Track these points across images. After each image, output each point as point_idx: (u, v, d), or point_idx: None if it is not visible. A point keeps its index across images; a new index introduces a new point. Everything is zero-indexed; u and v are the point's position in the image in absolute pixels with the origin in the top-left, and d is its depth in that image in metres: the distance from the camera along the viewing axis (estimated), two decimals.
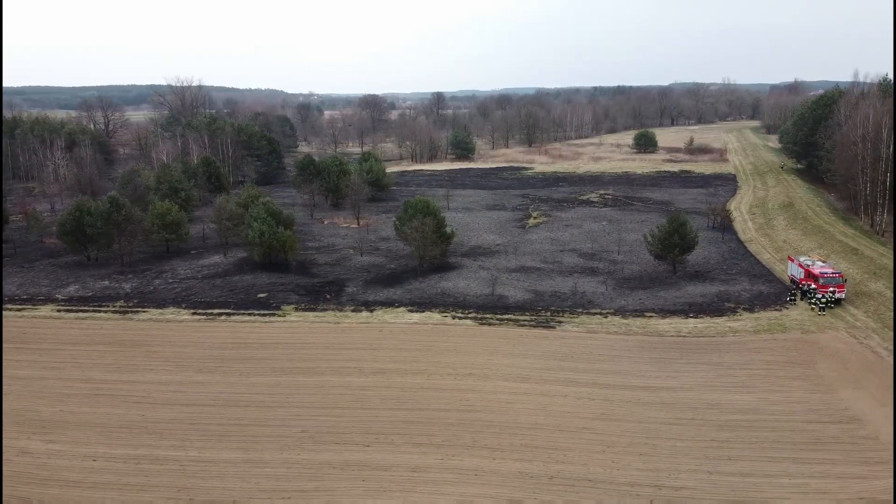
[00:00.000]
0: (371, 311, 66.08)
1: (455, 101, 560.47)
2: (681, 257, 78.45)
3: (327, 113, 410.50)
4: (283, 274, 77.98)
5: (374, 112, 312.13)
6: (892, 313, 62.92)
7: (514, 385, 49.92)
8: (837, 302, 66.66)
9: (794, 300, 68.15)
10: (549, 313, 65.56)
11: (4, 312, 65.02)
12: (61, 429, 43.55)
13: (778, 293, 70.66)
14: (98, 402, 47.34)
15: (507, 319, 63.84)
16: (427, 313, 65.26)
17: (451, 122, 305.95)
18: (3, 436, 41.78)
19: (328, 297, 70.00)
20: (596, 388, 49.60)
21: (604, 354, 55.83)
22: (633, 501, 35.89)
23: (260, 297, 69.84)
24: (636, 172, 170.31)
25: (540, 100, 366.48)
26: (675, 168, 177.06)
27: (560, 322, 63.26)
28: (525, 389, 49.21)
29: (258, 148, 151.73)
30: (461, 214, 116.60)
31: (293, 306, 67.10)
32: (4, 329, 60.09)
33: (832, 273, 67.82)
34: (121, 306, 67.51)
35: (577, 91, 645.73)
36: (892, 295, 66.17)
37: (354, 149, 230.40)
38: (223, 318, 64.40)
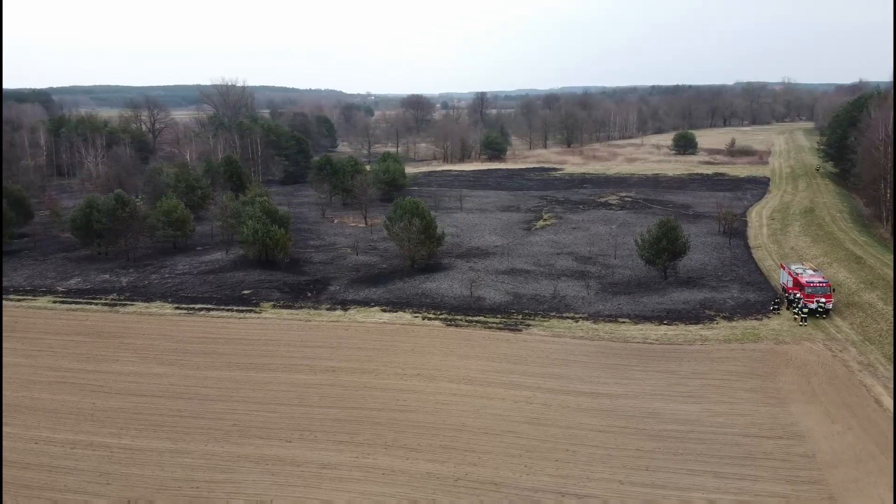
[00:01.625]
0: (345, 309, 67.36)
1: (509, 100, 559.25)
2: (670, 263, 76.85)
3: (379, 113, 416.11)
4: (274, 271, 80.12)
5: (417, 112, 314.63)
6: (878, 325, 60.46)
7: (456, 387, 50.26)
8: (826, 312, 64.37)
9: (779, 309, 66.11)
10: (521, 316, 65.45)
11: (4, 302, 69.16)
12: (17, 413, 46.30)
13: (765, 302, 68.58)
14: (58, 389, 50.05)
15: (476, 321, 64.08)
16: (399, 313, 66.10)
17: (496, 122, 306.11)
18: None
19: (309, 294, 71.68)
20: (538, 391, 49.48)
21: (560, 359, 55.51)
22: None
23: (244, 294, 72.03)
24: (667, 174, 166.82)
25: (587, 99, 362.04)
26: (709, 170, 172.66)
27: (528, 325, 63.11)
28: (466, 391, 49.50)
29: (287, 148, 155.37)
30: (472, 215, 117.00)
31: (271, 303, 69.00)
32: None
33: (819, 282, 65.42)
34: (112, 299, 70.78)
35: (633, 90, 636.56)
36: (890, 308, 63.49)
37: (391, 149, 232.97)
38: (202, 312, 66.81)
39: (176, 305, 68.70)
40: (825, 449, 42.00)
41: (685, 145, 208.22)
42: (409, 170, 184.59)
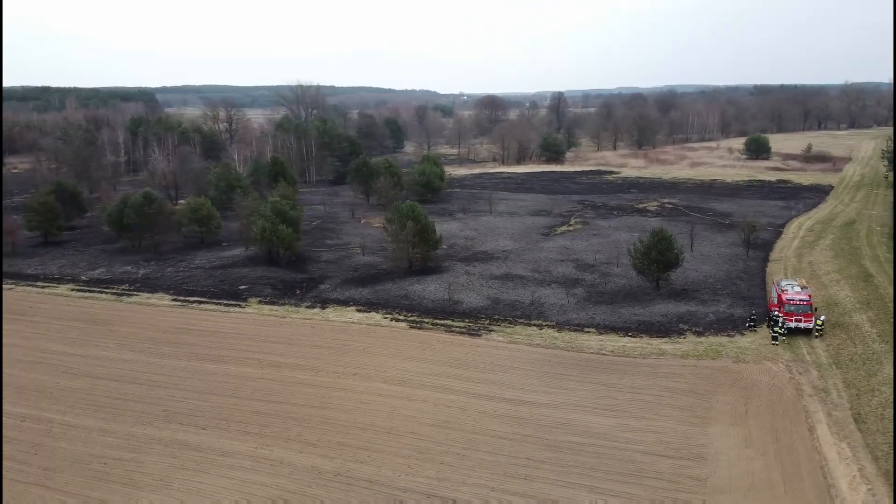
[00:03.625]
0: (323, 308, 70.49)
1: (598, 99, 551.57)
2: (663, 274, 75.22)
3: (465, 113, 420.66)
4: (277, 268, 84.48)
5: (491, 112, 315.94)
6: (853, 349, 57.39)
7: (386, 387, 52.12)
8: (807, 332, 61.64)
9: (755, 326, 63.70)
10: (488, 321, 66.35)
11: (30, 288, 77.05)
12: None
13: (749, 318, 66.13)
14: (35, 368, 55.81)
15: (442, 325, 65.52)
16: (371, 314, 68.53)
17: (572, 123, 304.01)
18: None
19: (298, 292, 75.36)
20: (463, 396, 50.56)
21: (503, 365, 56.19)
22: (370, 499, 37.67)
23: (239, 289, 76.61)
24: (724, 180, 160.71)
25: (671, 99, 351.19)
26: (772, 177, 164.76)
27: (491, 331, 63.94)
28: (393, 392, 51.28)
29: (339, 149, 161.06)
30: (499, 219, 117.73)
31: (258, 299, 73.14)
32: (19, 302, 71.53)
33: (800, 300, 62.60)
34: (122, 289, 77.19)
35: (735, 89, 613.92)
36: (875, 331, 60.23)
37: (453, 150, 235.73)
38: (194, 305, 71.78)
39: (174, 297, 74.15)
40: (722, 473, 40.97)
41: (757, 150, 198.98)
42: (463, 171, 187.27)
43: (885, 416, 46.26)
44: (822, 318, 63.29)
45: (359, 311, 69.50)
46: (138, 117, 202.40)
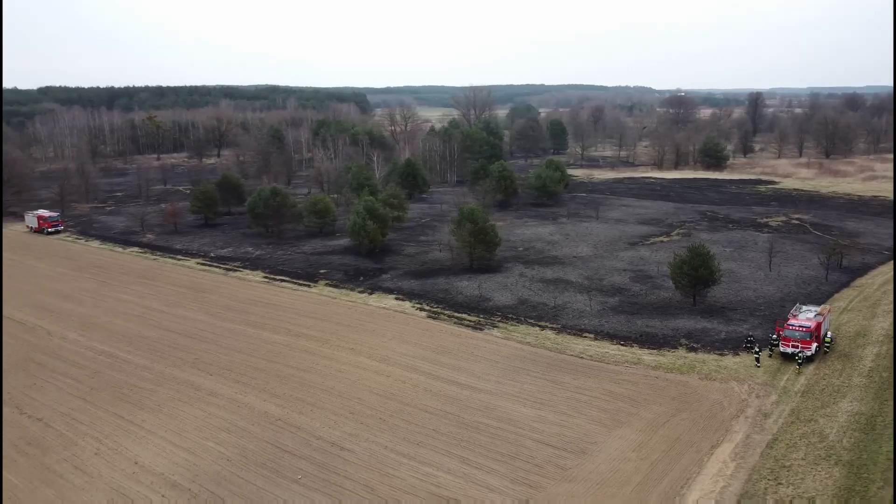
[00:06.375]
0: (370, 294, 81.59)
1: (832, 98, 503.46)
2: (695, 289, 75.59)
3: (658, 110, 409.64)
4: (360, 258, 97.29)
5: (679, 111, 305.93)
6: (833, 381, 55.91)
7: (367, 361, 61.77)
8: (810, 360, 60.46)
9: (752, 348, 63.23)
10: (500, 318, 72.84)
11: (169, 259, 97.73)
12: (92, 329, 70.54)
13: (762, 342, 65.50)
14: (133, 320, 73.60)
15: (456, 317, 73.27)
16: (404, 303, 78.23)
17: (771, 124, 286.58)
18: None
19: (361, 278, 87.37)
20: (423, 376, 58.51)
21: (478, 356, 62.93)
22: (272, 433, 47.73)
23: (319, 272, 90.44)
24: (887, 198, 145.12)
25: (887, 102, 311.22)
26: None
27: (495, 327, 70.51)
28: (368, 366, 60.77)
29: (480, 151, 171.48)
30: (599, 225, 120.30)
31: (326, 282, 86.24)
32: (154, 270, 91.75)
33: (799, 326, 61.19)
34: (234, 266, 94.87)
35: None
36: (870, 364, 57.81)
37: (622, 152, 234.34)
38: (277, 282, 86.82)
39: (265, 275, 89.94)
40: (587, 468, 45.00)
41: None
42: (608, 175, 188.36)
43: (797, 444, 46.67)
44: (830, 334, 61.60)
45: (396, 299, 79.54)
46: (322, 119, 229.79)
